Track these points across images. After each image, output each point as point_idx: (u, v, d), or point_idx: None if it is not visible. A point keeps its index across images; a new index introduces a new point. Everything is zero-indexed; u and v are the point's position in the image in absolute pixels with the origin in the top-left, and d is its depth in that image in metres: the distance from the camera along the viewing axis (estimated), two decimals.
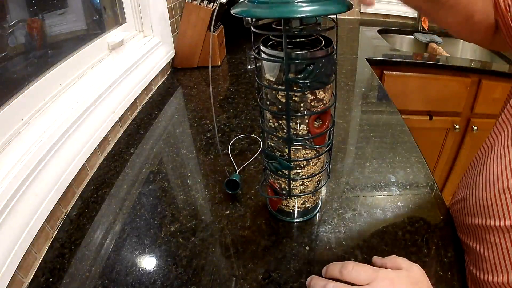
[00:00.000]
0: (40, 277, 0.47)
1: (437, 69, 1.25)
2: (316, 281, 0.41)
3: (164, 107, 0.92)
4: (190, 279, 0.45)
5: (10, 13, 0.60)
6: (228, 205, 0.57)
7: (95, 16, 0.88)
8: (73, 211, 0.58)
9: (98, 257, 0.49)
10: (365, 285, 0.37)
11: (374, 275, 0.37)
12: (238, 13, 0.35)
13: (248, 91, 0.99)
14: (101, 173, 0.67)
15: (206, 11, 1.06)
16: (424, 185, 0.60)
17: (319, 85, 0.40)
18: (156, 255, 0.49)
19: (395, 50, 1.40)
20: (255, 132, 0.77)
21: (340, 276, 0.39)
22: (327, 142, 0.47)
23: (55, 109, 0.63)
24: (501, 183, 0.40)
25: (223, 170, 0.65)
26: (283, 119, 0.43)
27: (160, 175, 0.65)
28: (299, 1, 0.33)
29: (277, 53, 0.39)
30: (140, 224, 0.54)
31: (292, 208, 0.52)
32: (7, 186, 0.46)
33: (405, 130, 0.77)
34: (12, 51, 0.60)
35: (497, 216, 0.40)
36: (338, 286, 0.38)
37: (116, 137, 0.78)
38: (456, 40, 1.67)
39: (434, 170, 1.46)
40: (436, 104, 1.30)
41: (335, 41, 0.40)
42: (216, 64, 1.18)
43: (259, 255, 0.48)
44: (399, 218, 0.53)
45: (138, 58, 0.91)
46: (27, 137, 0.55)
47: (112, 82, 0.77)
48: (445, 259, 0.47)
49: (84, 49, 0.76)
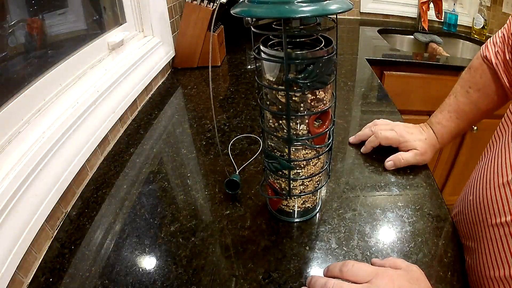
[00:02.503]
0: (40, 277, 0.47)
1: (437, 69, 1.25)
2: (317, 279, 0.41)
3: (164, 107, 0.92)
4: (190, 279, 0.45)
5: (10, 13, 0.60)
6: (228, 205, 0.57)
7: (95, 16, 0.88)
8: (73, 211, 0.58)
9: (98, 257, 0.49)
10: (365, 282, 0.37)
11: (374, 273, 0.38)
12: (238, 13, 0.35)
13: (248, 91, 0.99)
14: (101, 173, 0.67)
15: (206, 11, 1.06)
16: (424, 185, 0.60)
17: (319, 85, 0.40)
18: (156, 255, 0.49)
19: (395, 50, 1.40)
20: (255, 132, 0.77)
21: (340, 274, 0.39)
22: (327, 142, 0.47)
23: (55, 109, 0.63)
24: (501, 178, 0.41)
25: (223, 170, 0.65)
26: (283, 119, 0.43)
27: (160, 175, 0.65)
28: (299, 1, 0.33)
29: (277, 53, 0.39)
30: (140, 224, 0.54)
31: (292, 208, 0.52)
32: (7, 186, 0.46)
33: None
34: (12, 51, 0.60)
35: (497, 213, 0.40)
36: (338, 283, 0.38)
37: (116, 137, 0.78)
38: (456, 40, 1.67)
39: (434, 170, 1.46)
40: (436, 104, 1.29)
41: (335, 41, 0.40)
42: (216, 64, 1.18)
43: (259, 255, 0.48)
44: (399, 218, 0.53)
45: (138, 58, 0.91)
46: (27, 137, 0.55)
47: (112, 82, 0.77)
48: (445, 259, 0.47)
49: (84, 49, 0.76)
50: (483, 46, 0.60)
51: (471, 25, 1.64)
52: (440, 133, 0.64)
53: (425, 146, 0.62)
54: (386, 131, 0.65)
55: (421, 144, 0.62)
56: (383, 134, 0.64)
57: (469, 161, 1.40)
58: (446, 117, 0.63)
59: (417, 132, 0.64)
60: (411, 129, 0.65)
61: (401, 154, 0.62)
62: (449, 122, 0.63)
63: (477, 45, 1.59)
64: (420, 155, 0.62)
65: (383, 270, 0.38)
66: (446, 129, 0.63)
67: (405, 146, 0.63)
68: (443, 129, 0.63)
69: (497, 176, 0.42)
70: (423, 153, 0.62)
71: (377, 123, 0.69)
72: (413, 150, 0.62)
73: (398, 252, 0.48)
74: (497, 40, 0.57)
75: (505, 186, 0.40)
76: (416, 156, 0.62)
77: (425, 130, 0.65)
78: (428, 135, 0.64)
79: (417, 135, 0.63)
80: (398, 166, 0.62)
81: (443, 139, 0.64)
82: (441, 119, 0.64)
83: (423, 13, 1.51)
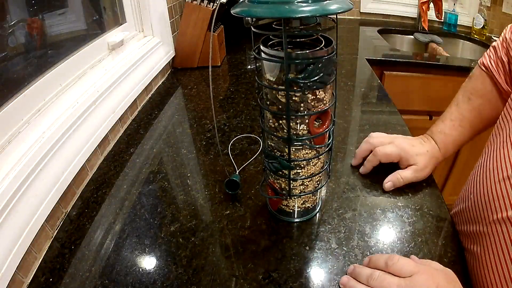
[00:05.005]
0: (40, 277, 0.47)
1: (437, 69, 1.25)
2: (361, 269, 0.43)
3: (164, 107, 0.92)
4: (190, 279, 0.45)
5: (10, 13, 0.60)
6: (228, 205, 0.57)
7: (95, 16, 0.88)
8: (73, 211, 0.58)
9: (98, 257, 0.49)
10: (408, 277, 0.39)
11: (416, 269, 0.39)
12: (238, 13, 0.35)
13: (248, 91, 0.99)
14: (101, 173, 0.67)
15: (206, 11, 1.06)
16: (424, 185, 0.60)
17: (319, 85, 0.40)
18: (156, 255, 0.49)
19: (395, 50, 1.40)
20: (255, 132, 0.77)
21: (385, 267, 0.41)
22: (327, 142, 0.47)
23: (55, 109, 0.63)
24: (502, 173, 0.42)
25: (223, 170, 0.65)
26: (283, 119, 0.43)
27: (160, 175, 0.65)
28: (299, 1, 0.33)
29: (277, 53, 0.39)
30: (140, 224, 0.54)
31: (292, 208, 0.52)
32: (7, 186, 0.46)
33: (405, 130, 0.77)
34: (12, 51, 0.60)
35: (499, 208, 0.40)
36: (383, 274, 0.40)
37: (116, 137, 0.78)
38: (456, 40, 1.67)
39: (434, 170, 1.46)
40: (436, 104, 1.30)
41: (335, 41, 0.40)
42: (216, 64, 1.18)
43: (259, 255, 0.48)
44: (399, 218, 0.53)
45: (138, 58, 0.91)
46: (27, 137, 0.55)
47: (112, 82, 0.77)
48: (445, 259, 0.47)
49: (84, 49, 0.76)
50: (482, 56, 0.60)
51: (471, 25, 1.64)
52: (443, 143, 0.61)
53: (426, 160, 0.59)
54: (385, 146, 0.60)
55: (422, 158, 0.59)
56: (382, 151, 0.60)
57: (469, 161, 1.40)
58: (448, 125, 0.61)
59: (418, 144, 0.61)
60: (412, 141, 0.61)
61: (400, 173, 0.58)
62: (452, 130, 0.60)
63: (477, 45, 1.59)
64: (420, 171, 0.59)
65: (424, 267, 0.40)
66: (449, 138, 0.60)
67: (406, 160, 0.59)
68: (446, 138, 0.61)
69: (497, 171, 0.43)
70: (423, 168, 0.59)
71: (373, 136, 0.64)
72: (412, 166, 0.59)
73: (398, 252, 0.48)
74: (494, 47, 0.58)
75: (505, 181, 0.40)
76: (415, 172, 0.58)
77: (426, 141, 0.62)
78: (430, 147, 0.60)
79: (419, 148, 0.60)
80: (397, 186, 0.59)
81: (446, 149, 0.61)
82: (443, 128, 0.61)
83: (423, 13, 1.52)
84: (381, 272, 0.41)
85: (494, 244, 0.40)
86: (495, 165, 0.43)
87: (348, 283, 0.43)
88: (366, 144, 0.64)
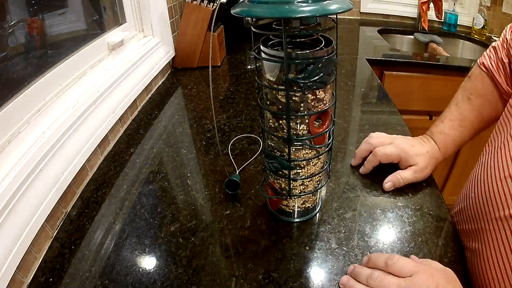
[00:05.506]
0: (40, 277, 0.47)
1: (437, 69, 1.25)
2: (361, 269, 0.43)
3: (164, 107, 0.92)
4: (190, 279, 0.45)
5: (10, 13, 0.60)
6: (228, 205, 0.57)
7: (95, 16, 0.88)
8: (73, 211, 0.58)
9: (98, 257, 0.49)
10: (408, 277, 0.39)
11: (416, 269, 0.39)
12: (238, 13, 0.35)
13: (248, 91, 0.99)
14: (101, 173, 0.67)
15: (206, 11, 1.06)
16: (424, 185, 0.60)
17: (319, 85, 0.40)
18: (156, 255, 0.49)
19: (395, 50, 1.40)
20: (255, 132, 0.77)
21: (385, 267, 0.41)
22: (327, 142, 0.47)
23: (55, 109, 0.63)
24: (503, 172, 0.42)
25: (223, 170, 0.65)
26: (283, 119, 0.43)
27: (160, 175, 0.65)
28: (299, 1, 0.33)
29: (277, 53, 0.39)
30: (140, 224, 0.54)
31: (292, 208, 0.52)
32: (7, 186, 0.46)
33: (405, 130, 0.77)
34: (12, 51, 0.60)
35: (500, 206, 0.40)
36: (382, 274, 0.40)
37: (116, 137, 0.78)
38: (456, 40, 1.67)
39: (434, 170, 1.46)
40: (436, 104, 1.30)
41: (335, 41, 0.40)
42: (216, 64, 1.18)
43: (259, 255, 0.48)
44: (399, 218, 0.53)
45: (138, 58, 0.91)
46: (27, 137, 0.55)
47: (112, 82, 0.77)
48: (445, 259, 0.47)
49: (84, 49, 0.76)
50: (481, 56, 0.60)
51: (471, 25, 1.64)
52: (443, 143, 0.61)
53: (426, 161, 0.59)
54: (385, 147, 0.60)
55: (422, 159, 0.59)
56: (382, 151, 0.60)
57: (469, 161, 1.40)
58: (448, 125, 0.61)
59: (417, 144, 0.61)
60: (412, 141, 0.61)
61: (400, 174, 0.58)
62: (452, 130, 0.60)
63: (477, 45, 1.59)
64: (420, 171, 0.59)
65: (424, 267, 0.40)
66: (449, 138, 0.60)
67: (406, 161, 0.59)
68: (446, 138, 0.61)
69: (498, 169, 0.43)
70: (423, 169, 0.59)
71: (373, 136, 0.64)
72: (412, 167, 0.59)
73: (398, 252, 0.48)
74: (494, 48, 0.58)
75: (506, 179, 0.41)
76: (415, 173, 0.58)
77: (426, 142, 0.62)
78: (430, 147, 0.60)
79: (419, 149, 0.60)
80: (397, 187, 0.59)
81: (446, 149, 0.61)
82: (443, 128, 0.61)
83: (423, 13, 1.52)
84: (381, 272, 0.41)
85: (496, 241, 0.41)
86: (496, 164, 0.43)
87: (348, 283, 0.43)
88: (366, 144, 0.64)
